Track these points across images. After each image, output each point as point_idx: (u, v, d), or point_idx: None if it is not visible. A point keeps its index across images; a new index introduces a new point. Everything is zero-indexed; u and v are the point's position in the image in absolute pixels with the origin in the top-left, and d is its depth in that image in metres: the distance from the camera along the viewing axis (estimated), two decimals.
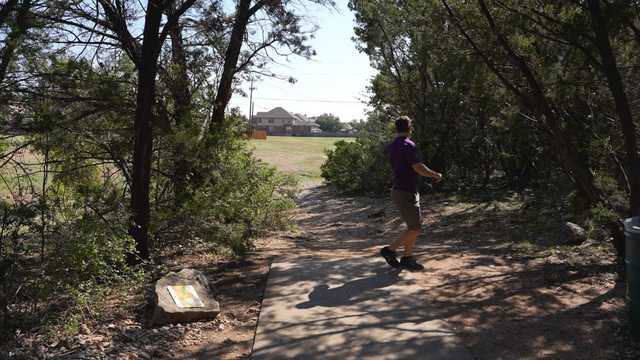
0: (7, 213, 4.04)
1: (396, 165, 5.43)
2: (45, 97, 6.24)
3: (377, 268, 5.69)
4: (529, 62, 5.86)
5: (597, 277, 4.93)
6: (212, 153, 7.06)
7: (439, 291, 4.87)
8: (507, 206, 9.99)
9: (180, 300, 4.16)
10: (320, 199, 15.64)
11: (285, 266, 5.84)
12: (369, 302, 4.50)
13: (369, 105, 18.59)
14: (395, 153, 5.43)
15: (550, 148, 9.13)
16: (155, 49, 5.45)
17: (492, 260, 5.97)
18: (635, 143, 4.81)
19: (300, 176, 22.75)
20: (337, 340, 3.69)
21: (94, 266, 4.05)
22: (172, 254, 6.40)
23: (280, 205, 8.36)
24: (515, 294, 4.65)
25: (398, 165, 5.39)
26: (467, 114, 13.02)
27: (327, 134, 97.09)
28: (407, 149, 5.32)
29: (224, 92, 7.98)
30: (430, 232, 8.67)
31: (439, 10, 6.31)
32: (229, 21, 8.11)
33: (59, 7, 6.24)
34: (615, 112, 6.09)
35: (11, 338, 3.54)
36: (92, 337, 3.62)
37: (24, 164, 5.98)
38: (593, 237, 6.52)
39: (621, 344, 3.46)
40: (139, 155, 5.47)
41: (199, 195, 6.29)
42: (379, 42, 14.32)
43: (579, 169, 5.54)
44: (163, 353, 3.51)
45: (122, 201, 6.08)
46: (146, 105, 5.43)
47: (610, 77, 4.89)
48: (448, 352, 3.45)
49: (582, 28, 5.13)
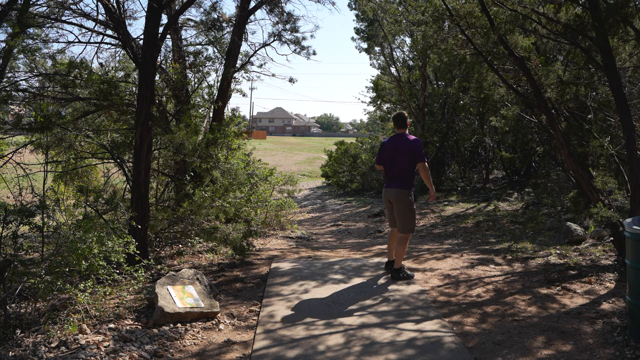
0: (7, 213, 4.04)
1: (398, 163, 5.10)
2: (45, 97, 6.24)
3: (377, 268, 5.69)
4: (529, 62, 5.86)
5: (597, 277, 4.93)
6: (212, 153, 7.06)
7: (439, 291, 4.87)
8: (507, 206, 9.99)
9: (180, 300, 4.16)
10: (320, 199, 15.64)
11: (285, 266, 5.84)
12: (369, 302, 4.50)
13: (369, 105, 18.60)
14: (396, 150, 5.10)
15: (550, 148, 9.14)
16: (155, 49, 5.45)
17: (492, 260, 5.97)
18: (635, 143, 4.81)
19: (300, 176, 22.75)
20: (337, 340, 3.69)
21: (94, 266, 4.05)
22: (172, 254, 6.40)
23: (280, 205, 8.36)
24: (515, 294, 4.65)
25: (401, 163, 5.09)
26: (467, 114, 13.02)
27: (327, 134, 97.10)
28: (416, 146, 5.05)
29: (224, 92, 7.98)
30: (430, 232, 8.67)
31: (439, 10, 6.31)
32: (229, 21, 8.11)
33: (59, 7, 6.24)
34: (615, 112, 6.09)
35: (11, 338, 3.54)
36: (92, 337, 3.62)
37: (24, 164, 5.98)
38: (593, 237, 6.52)
39: (621, 344, 3.46)
40: (139, 155, 5.47)
41: (199, 195, 6.29)
42: (379, 42, 14.32)
43: (579, 169, 5.54)
44: (163, 353, 3.50)
45: (122, 201, 6.08)
46: (146, 105, 5.43)
47: (610, 77, 4.89)
48: (448, 352, 3.45)
49: (582, 28, 5.13)
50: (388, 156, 5.19)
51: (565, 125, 6.60)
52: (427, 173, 5.11)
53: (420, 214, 10.43)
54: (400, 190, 5.15)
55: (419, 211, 10.70)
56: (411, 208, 5.18)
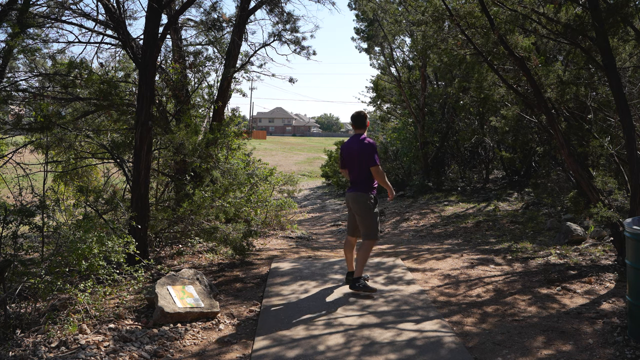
0: (7, 213, 4.04)
1: (355, 166, 4.79)
2: (45, 97, 6.24)
3: (377, 268, 5.69)
4: (529, 62, 5.86)
5: (597, 277, 4.93)
6: (212, 153, 7.06)
7: (439, 291, 4.87)
8: (507, 206, 9.99)
9: (180, 300, 4.16)
10: (320, 199, 15.64)
11: (285, 266, 5.84)
12: (369, 302, 4.50)
13: (369, 105, 18.58)
14: (352, 153, 4.81)
15: (550, 148, 9.14)
16: (155, 49, 5.45)
17: (492, 260, 5.97)
18: (635, 143, 4.81)
19: (300, 176, 22.75)
20: (337, 340, 3.69)
21: (94, 266, 4.05)
22: (172, 254, 6.40)
23: (280, 205, 8.36)
24: (515, 294, 4.65)
25: (358, 167, 4.78)
26: (467, 114, 13.02)
27: (327, 134, 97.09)
28: (368, 150, 4.72)
29: (224, 92, 7.98)
30: (430, 232, 8.68)
31: (439, 10, 6.31)
32: (229, 21, 8.11)
33: (59, 7, 6.24)
34: (615, 112, 6.09)
35: (11, 338, 3.54)
36: (92, 337, 3.62)
37: (24, 164, 5.98)
38: (593, 237, 6.52)
39: (621, 344, 3.46)
40: (139, 155, 5.47)
41: (199, 195, 6.29)
42: (379, 42, 14.32)
43: (579, 169, 5.54)
44: (163, 353, 3.51)
45: (122, 201, 6.08)
46: (146, 105, 5.43)
47: (610, 77, 4.89)
48: (448, 352, 3.45)
49: (582, 28, 5.13)
50: (346, 159, 4.90)
51: (565, 125, 6.60)
52: (380, 177, 4.78)
53: (420, 214, 10.43)
54: (358, 194, 4.81)
55: (419, 211, 10.70)
56: (370, 213, 4.79)
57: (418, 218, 10.05)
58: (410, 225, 9.54)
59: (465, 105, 12.26)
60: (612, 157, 5.97)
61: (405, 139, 15.23)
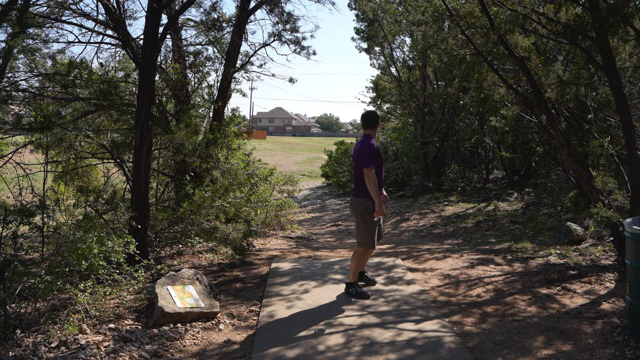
0: (7, 213, 4.04)
1: (355, 167, 4.57)
2: (45, 97, 6.24)
3: (378, 268, 5.69)
4: (529, 62, 5.86)
5: (597, 277, 4.93)
6: (212, 153, 7.06)
7: (439, 291, 4.87)
8: (507, 206, 9.99)
9: (180, 300, 4.16)
10: (320, 199, 15.64)
11: (285, 266, 5.84)
12: (369, 302, 4.50)
13: (369, 105, 18.55)
14: (354, 154, 4.61)
15: (550, 148, 9.14)
16: (155, 49, 5.45)
17: (492, 260, 5.97)
18: (635, 143, 4.81)
19: (300, 176, 22.75)
20: (337, 340, 3.69)
21: (94, 266, 4.05)
22: (172, 254, 6.40)
23: (280, 205, 8.36)
24: (515, 294, 4.65)
25: (357, 168, 4.54)
26: (467, 114, 13.02)
27: (327, 134, 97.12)
28: (363, 150, 4.44)
29: (224, 92, 7.98)
30: (430, 232, 8.68)
31: (439, 10, 6.31)
32: (229, 21, 8.11)
33: (59, 7, 6.24)
34: (615, 112, 6.09)
35: (11, 338, 3.54)
36: (92, 337, 3.62)
37: (24, 164, 5.98)
38: (593, 237, 6.52)
39: (621, 344, 3.46)
40: (139, 155, 5.47)
41: (199, 195, 6.29)
42: (379, 42, 14.32)
43: (579, 169, 5.54)
44: (163, 353, 3.51)
45: (122, 201, 6.08)
46: (146, 105, 5.43)
47: (610, 77, 4.89)
48: (448, 352, 3.45)
49: (582, 28, 5.13)
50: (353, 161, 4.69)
51: (565, 125, 6.60)
52: (371, 182, 4.37)
53: (420, 214, 10.43)
54: (354, 198, 4.61)
55: (419, 211, 10.70)
56: (367, 220, 4.52)
57: (418, 218, 10.05)
58: (410, 225, 9.55)
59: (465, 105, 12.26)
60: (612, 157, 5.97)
61: (405, 139, 15.23)
